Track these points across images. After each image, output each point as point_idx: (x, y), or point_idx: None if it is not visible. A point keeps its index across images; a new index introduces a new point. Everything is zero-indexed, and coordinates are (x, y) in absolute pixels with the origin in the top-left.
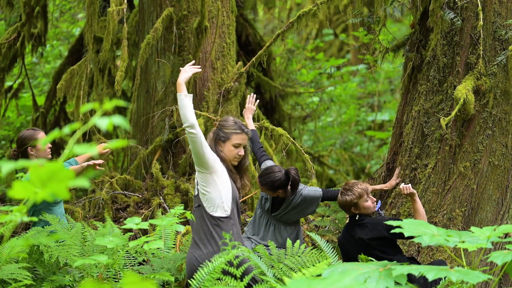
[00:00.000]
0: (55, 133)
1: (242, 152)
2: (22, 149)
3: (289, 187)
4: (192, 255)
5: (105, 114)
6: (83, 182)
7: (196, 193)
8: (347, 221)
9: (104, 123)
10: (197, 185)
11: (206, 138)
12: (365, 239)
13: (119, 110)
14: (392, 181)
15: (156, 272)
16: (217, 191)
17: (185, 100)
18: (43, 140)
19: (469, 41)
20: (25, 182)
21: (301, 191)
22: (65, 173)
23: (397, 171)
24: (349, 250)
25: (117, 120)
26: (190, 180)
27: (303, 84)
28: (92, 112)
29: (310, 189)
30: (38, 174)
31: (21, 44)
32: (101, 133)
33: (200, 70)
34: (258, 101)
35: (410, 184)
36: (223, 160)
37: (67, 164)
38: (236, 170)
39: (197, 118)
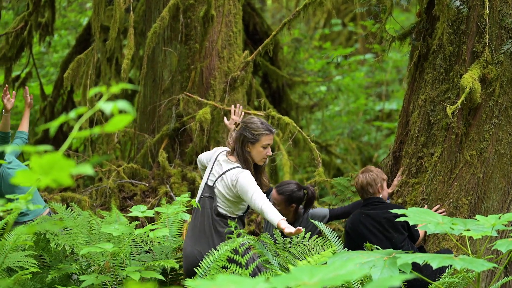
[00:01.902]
0: (62, 118)
1: (270, 152)
2: None
3: (304, 202)
4: (193, 249)
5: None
6: (87, 170)
7: (211, 184)
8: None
9: (108, 107)
10: (218, 180)
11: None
12: (390, 217)
13: (126, 100)
14: (395, 181)
15: (159, 260)
16: (239, 201)
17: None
18: (53, 124)
19: (475, 29)
20: (27, 171)
21: (307, 214)
22: (66, 162)
23: (395, 181)
24: (363, 233)
25: (122, 104)
26: (196, 169)
27: (310, 73)
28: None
29: (316, 209)
30: (39, 163)
31: (28, 33)
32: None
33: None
34: (242, 114)
35: None
36: (247, 162)
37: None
38: (255, 169)
39: (203, 107)
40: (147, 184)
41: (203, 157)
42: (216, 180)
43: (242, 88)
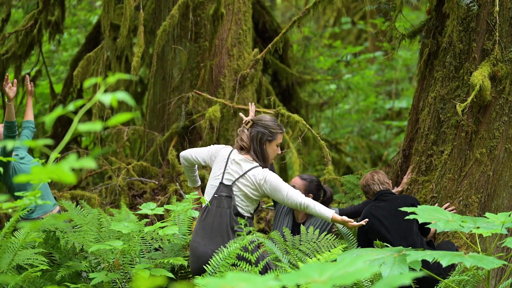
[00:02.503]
0: (58, 111)
1: (279, 151)
2: None
3: (321, 198)
4: (207, 248)
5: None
6: (89, 163)
7: (229, 183)
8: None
9: (107, 98)
10: (239, 180)
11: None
12: (415, 203)
13: (136, 98)
14: (405, 179)
15: (168, 257)
16: (259, 199)
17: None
18: (50, 117)
19: (485, 27)
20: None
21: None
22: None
23: (405, 179)
24: (374, 226)
25: (121, 95)
26: (206, 167)
27: (320, 71)
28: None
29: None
30: (41, 171)
31: (38, 31)
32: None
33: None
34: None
35: None
36: (266, 159)
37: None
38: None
39: (213, 105)
40: (156, 182)
41: (196, 155)
42: (236, 179)
43: (252, 86)
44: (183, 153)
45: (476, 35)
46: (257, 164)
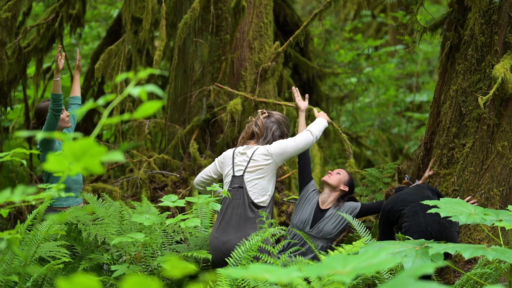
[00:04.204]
0: (90, 104)
1: None
2: (41, 120)
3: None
4: (219, 241)
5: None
6: (118, 157)
7: (240, 173)
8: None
9: (136, 91)
10: (249, 165)
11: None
12: (424, 194)
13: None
14: (426, 174)
15: (191, 250)
16: (270, 180)
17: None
18: (80, 110)
19: (507, 20)
20: (58, 156)
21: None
22: (98, 149)
23: (426, 173)
24: (413, 197)
25: (150, 87)
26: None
27: (341, 65)
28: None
29: (349, 202)
30: (71, 149)
31: (59, 25)
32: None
33: None
34: (306, 95)
35: None
36: None
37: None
38: None
39: (234, 98)
40: (178, 175)
41: (205, 174)
42: (246, 166)
43: (273, 79)
44: (194, 182)
45: (498, 28)
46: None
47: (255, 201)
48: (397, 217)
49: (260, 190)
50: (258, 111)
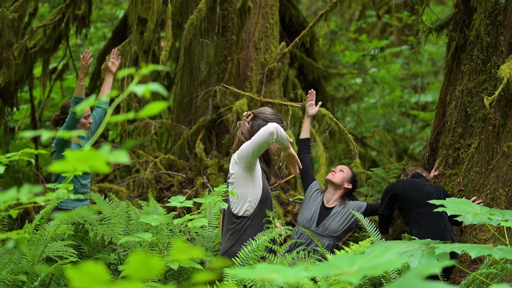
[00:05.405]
0: (90, 102)
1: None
2: (63, 116)
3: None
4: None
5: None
6: (123, 158)
7: (227, 186)
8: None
9: (140, 89)
10: (231, 176)
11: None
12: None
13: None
14: (432, 174)
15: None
16: (247, 185)
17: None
18: (80, 107)
19: None
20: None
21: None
22: (101, 156)
23: (432, 174)
24: (421, 188)
25: (154, 86)
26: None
27: (346, 65)
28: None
29: (354, 201)
30: (74, 156)
31: (65, 25)
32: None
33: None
34: (320, 102)
35: None
36: (266, 153)
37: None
38: (267, 163)
39: (240, 98)
40: (184, 175)
41: None
42: (229, 178)
43: (279, 80)
44: None
45: (504, 29)
46: None
47: (234, 211)
48: (402, 202)
49: (239, 200)
50: (243, 114)
